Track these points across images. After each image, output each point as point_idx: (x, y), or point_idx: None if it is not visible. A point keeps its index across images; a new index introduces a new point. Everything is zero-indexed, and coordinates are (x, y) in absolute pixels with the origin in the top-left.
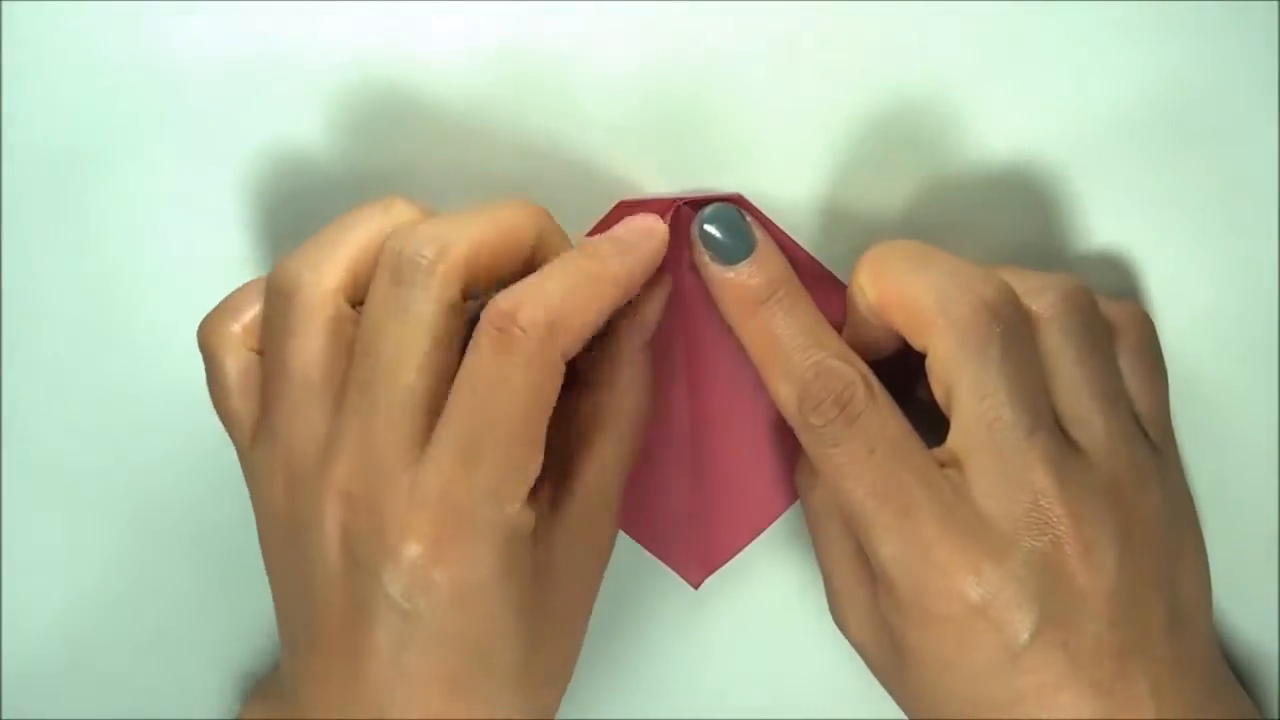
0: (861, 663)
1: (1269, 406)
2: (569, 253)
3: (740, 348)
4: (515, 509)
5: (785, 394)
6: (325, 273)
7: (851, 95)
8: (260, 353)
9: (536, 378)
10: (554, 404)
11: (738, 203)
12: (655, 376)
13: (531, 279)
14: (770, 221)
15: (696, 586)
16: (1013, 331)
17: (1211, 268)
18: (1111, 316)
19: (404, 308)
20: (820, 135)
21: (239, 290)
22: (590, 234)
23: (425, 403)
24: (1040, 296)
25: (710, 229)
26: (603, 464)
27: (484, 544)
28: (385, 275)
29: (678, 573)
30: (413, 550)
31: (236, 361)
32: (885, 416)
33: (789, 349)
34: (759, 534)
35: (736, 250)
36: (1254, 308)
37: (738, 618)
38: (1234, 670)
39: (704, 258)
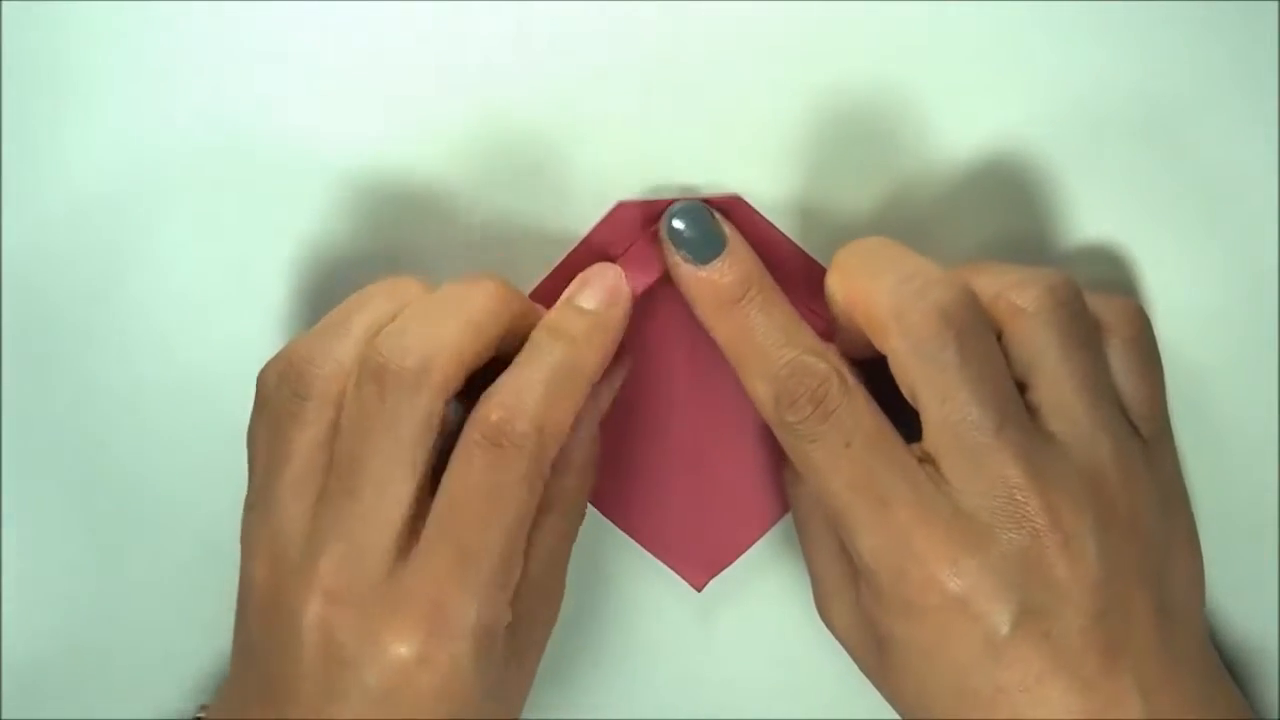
0: None
1: (1269, 401)
2: (544, 339)
3: None
4: (503, 610)
5: (761, 392)
6: (335, 369)
7: (834, 91)
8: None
9: (529, 488)
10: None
11: (735, 203)
12: (656, 378)
13: (515, 380)
14: (765, 220)
15: (699, 589)
16: (969, 335)
17: (1205, 262)
18: (1105, 311)
19: (391, 424)
20: (806, 131)
21: (295, 342)
22: (588, 237)
23: (410, 507)
24: (1025, 290)
25: (679, 227)
26: (557, 542)
27: (469, 644)
28: (371, 387)
29: (680, 575)
30: (401, 650)
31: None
32: (860, 411)
33: (763, 347)
34: (761, 536)
35: (706, 249)
36: (1249, 301)
37: (740, 619)
38: (1234, 667)
39: (675, 258)
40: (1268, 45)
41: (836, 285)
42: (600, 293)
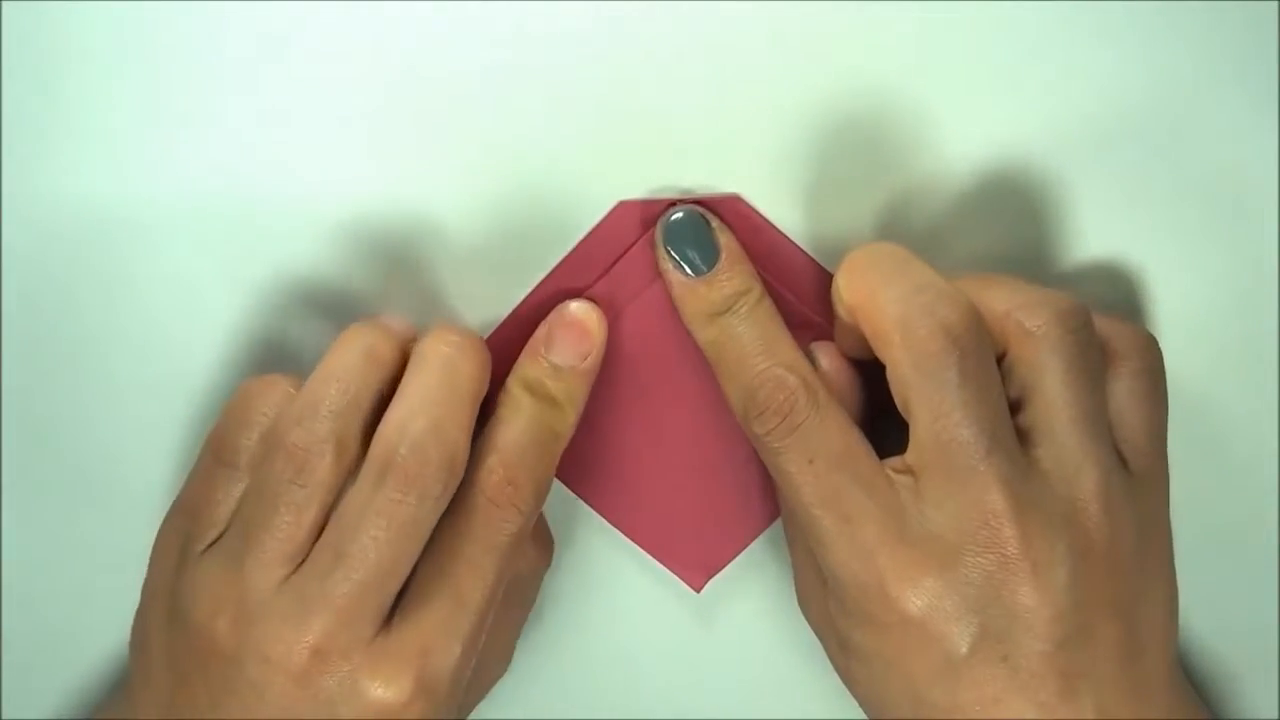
0: None
1: (1272, 408)
2: (524, 398)
3: None
4: (473, 659)
5: (734, 400)
6: (336, 457)
7: (839, 97)
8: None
9: (518, 546)
10: None
11: (734, 203)
12: (655, 378)
13: (508, 439)
14: (764, 219)
15: (698, 590)
16: (971, 356)
17: (1210, 269)
18: (1117, 337)
19: (410, 520)
20: (812, 138)
21: (256, 396)
22: (588, 236)
23: (404, 573)
24: (1034, 313)
25: (674, 236)
26: (520, 611)
27: (446, 690)
28: (393, 487)
29: (679, 576)
30: (387, 695)
31: (237, 477)
32: (828, 428)
33: (739, 356)
34: (758, 535)
35: (700, 260)
36: (1250, 311)
37: (739, 620)
38: (1230, 682)
39: (666, 265)
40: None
41: (844, 286)
42: (572, 348)
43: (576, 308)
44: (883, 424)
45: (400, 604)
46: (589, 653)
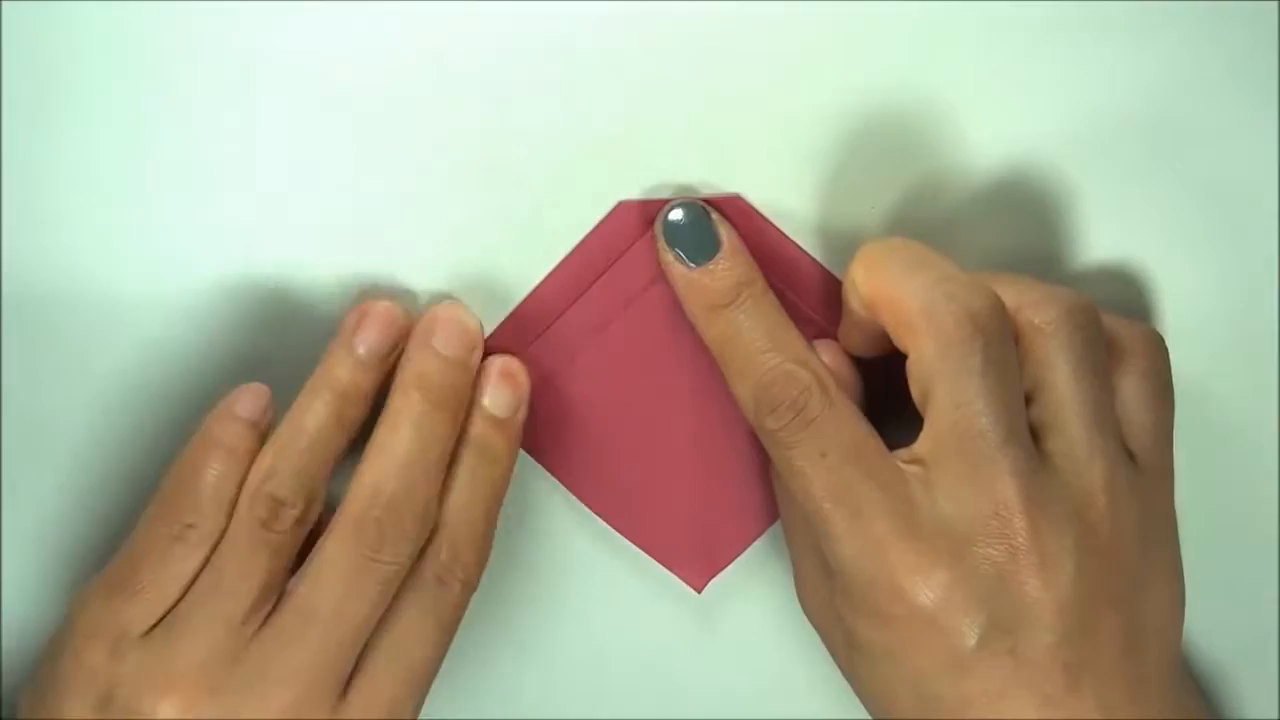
0: None
1: (1269, 411)
2: (476, 463)
3: None
4: None
5: (743, 396)
6: (300, 496)
7: (844, 99)
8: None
9: (461, 617)
10: None
11: (734, 203)
12: (654, 378)
13: (461, 515)
14: (765, 219)
15: (699, 590)
16: (995, 345)
17: (1209, 271)
18: (1124, 336)
19: (383, 578)
20: (818, 140)
21: (202, 463)
22: (588, 237)
23: (366, 638)
24: (1043, 310)
25: (674, 226)
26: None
27: None
28: (370, 538)
29: (679, 576)
30: None
31: (189, 552)
32: (841, 421)
33: (748, 352)
34: (759, 536)
35: (701, 250)
36: (1252, 310)
37: (740, 620)
38: (1230, 682)
39: (668, 257)
40: None
41: (861, 278)
42: (515, 396)
43: (505, 362)
44: (879, 423)
45: (354, 674)
46: (589, 653)
